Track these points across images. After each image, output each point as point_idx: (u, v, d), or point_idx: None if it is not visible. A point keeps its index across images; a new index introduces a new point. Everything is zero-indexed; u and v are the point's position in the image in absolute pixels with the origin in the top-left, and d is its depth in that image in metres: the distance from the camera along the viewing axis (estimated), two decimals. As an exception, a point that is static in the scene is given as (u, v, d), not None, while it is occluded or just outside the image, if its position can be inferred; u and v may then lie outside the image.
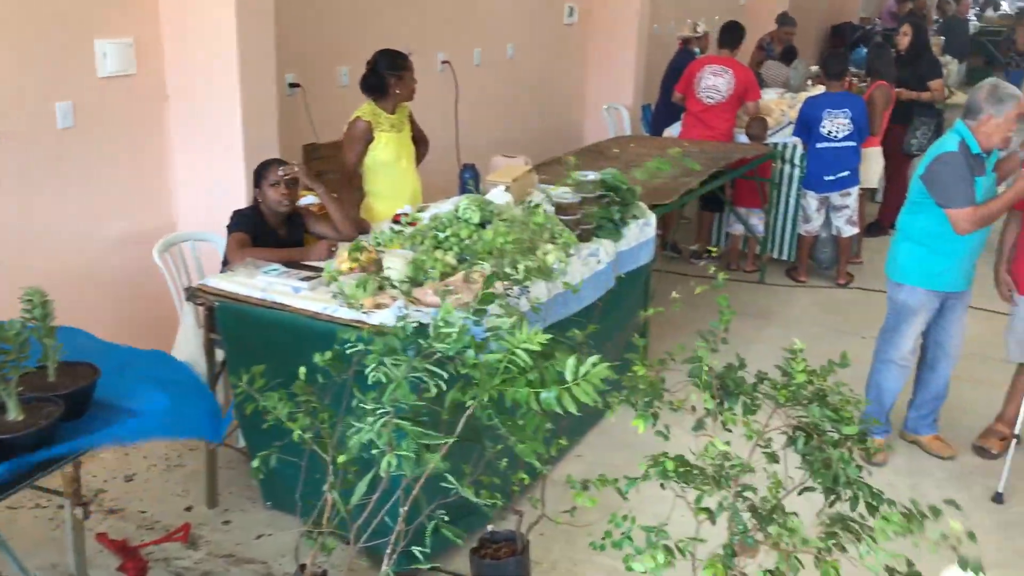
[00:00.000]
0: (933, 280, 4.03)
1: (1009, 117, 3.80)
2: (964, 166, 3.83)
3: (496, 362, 1.88)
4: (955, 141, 3.89)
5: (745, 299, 6.41)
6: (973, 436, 4.46)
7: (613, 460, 4.00)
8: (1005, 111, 3.78)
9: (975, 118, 3.85)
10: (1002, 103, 3.79)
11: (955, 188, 3.83)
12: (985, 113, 3.82)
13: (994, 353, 4.59)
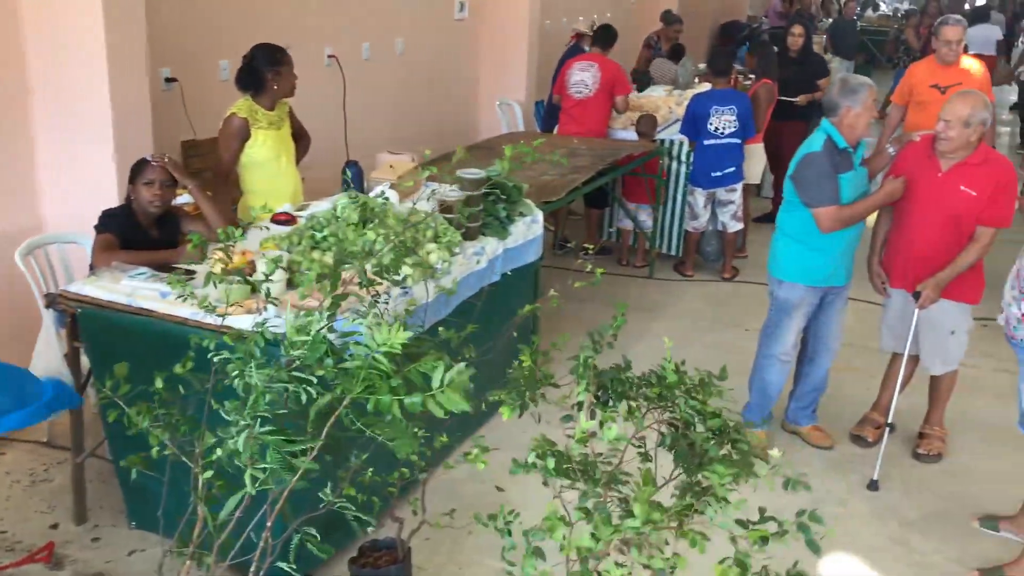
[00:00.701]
0: (812, 276, 4.13)
1: (867, 105, 3.94)
2: (828, 165, 3.94)
3: (356, 368, 1.82)
4: (820, 140, 4.00)
5: (635, 294, 6.49)
6: (851, 425, 4.59)
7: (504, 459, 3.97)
8: (861, 100, 3.93)
9: (836, 114, 3.98)
10: (856, 93, 3.93)
11: (818, 187, 3.94)
12: (843, 107, 3.95)
13: (871, 343, 4.74)
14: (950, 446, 4.46)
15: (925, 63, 6.26)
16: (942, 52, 5.99)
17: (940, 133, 3.88)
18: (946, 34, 5.96)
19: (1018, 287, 3.38)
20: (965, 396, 4.78)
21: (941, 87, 5.82)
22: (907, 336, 4.18)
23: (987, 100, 3.93)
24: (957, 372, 4.34)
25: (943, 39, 5.98)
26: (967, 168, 3.92)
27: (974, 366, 5.25)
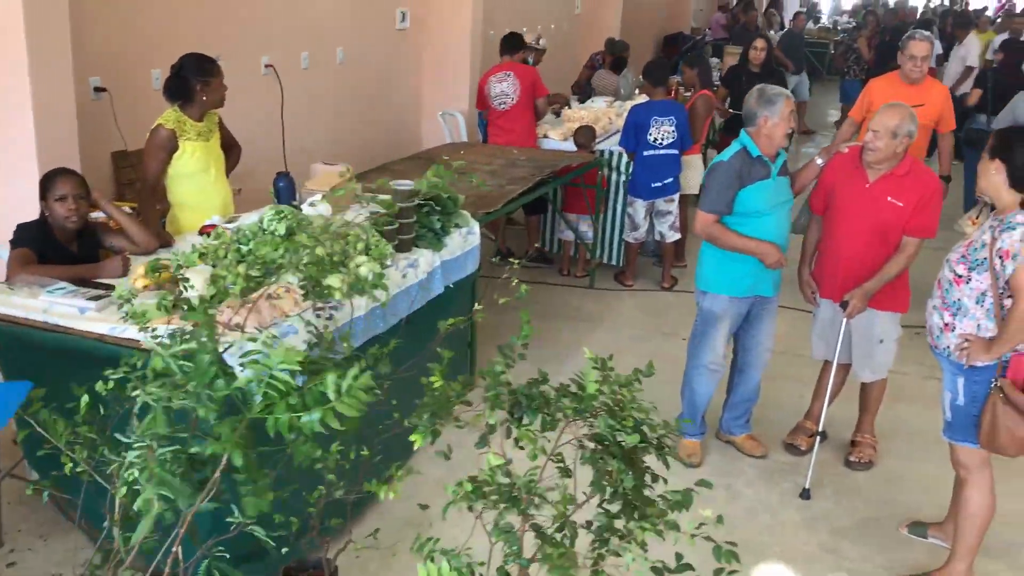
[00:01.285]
0: (736, 286, 4.16)
1: (784, 115, 4.00)
2: (732, 175, 4.01)
3: (252, 389, 1.77)
4: (734, 150, 4.09)
5: (575, 304, 6.50)
6: (785, 433, 4.64)
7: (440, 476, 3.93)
8: (779, 109, 3.99)
9: (754, 124, 4.05)
10: (773, 104, 4.00)
11: (711, 193, 4.06)
12: (761, 116, 4.02)
13: (804, 352, 4.79)
14: (881, 453, 4.53)
15: (887, 80, 5.86)
16: (907, 68, 5.61)
17: (868, 143, 3.94)
18: (912, 49, 5.56)
19: (939, 296, 3.43)
20: (896, 403, 4.86)
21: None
22: (836, 344, 4.23)
23: (914, 113, 3.99)
24: (886, 380, 4.40)
25: (909, 54, 5.59)
26: (894, 179, 3.99)
27: (904, 373, 5.34)
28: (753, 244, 4.04)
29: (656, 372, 2.28)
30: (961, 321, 3.34)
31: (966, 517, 3.49)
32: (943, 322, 3.40)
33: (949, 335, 3.38)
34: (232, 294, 3.18)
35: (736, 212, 4.05)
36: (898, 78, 5.71)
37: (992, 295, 3.25)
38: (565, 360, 5.25)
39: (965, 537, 3.50)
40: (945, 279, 3.41)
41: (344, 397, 1.73)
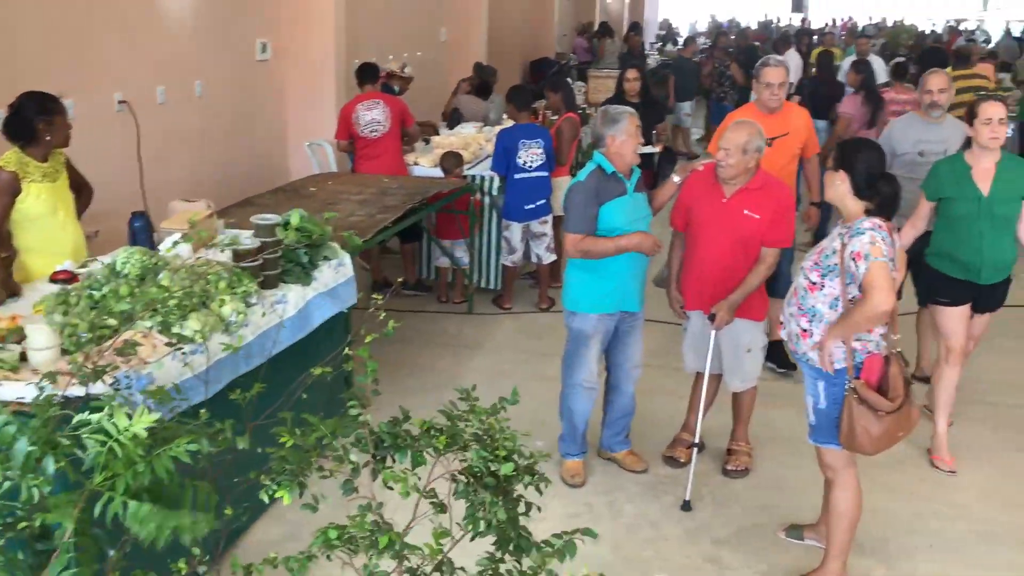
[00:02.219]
0: (601, 304, 4.22)
1: (630, 132, 4.12)
2: (589, 195, 4.11)
3: (93, 459, 1.64)
4: (589, 169, 4.19)
5: (454, 330, 6.46)
6: (663, 446, 4.70)
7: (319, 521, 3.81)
8: (623, 127, 4.11)
9: (603, 144, 4.16)
10: (617, 122, 4.13)
11: (573, 213, 4.14)
12: (607, 136, 4.13)
13: (678, 364, 4.86)
14: (756, 459, 4.64)
15: (744, 111, 5.55)
16: (764, 97, 5.28)
17: (721, 160, 4.08)
18: (768, 76, 5.25)
19: (796, 304, 3.55)
20: (768, 410, 4.99)
21: (767, 138, 4.96)
22: (706, 356, 4.33)
23: (761, 129, 4.14)
24: (756, 387, 4.52)
25: (764, 81, 5.26)
26: (749, 193, 4.12)
27: (775, 379, 5.51)
28: (624, 240, 4.11)
29: (539, 393, 2.27)
30: (817, 326, 3.45)
31: (836, 517, 3.61)
32: (800, 328, 3.51)
33: (807, 340, 3.49)
34: (84, 344, 3.02)
35: (598, 229, 4.12)
36: (755, 108, 5.40)
37: (843, 300, 3.38)
38: (444, 389, 5.19)
39: (837, 536, 3.62)
40: (800, 286, 3.53)
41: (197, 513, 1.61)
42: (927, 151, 5.26)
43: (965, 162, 4.48)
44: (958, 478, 4.56)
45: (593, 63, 16.56)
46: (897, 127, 5.54)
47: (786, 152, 5.29)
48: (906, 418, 3.40)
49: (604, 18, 20.76)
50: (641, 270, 4.29)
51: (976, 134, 4.41)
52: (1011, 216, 4.42)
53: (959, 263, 4.50)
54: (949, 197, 4.47)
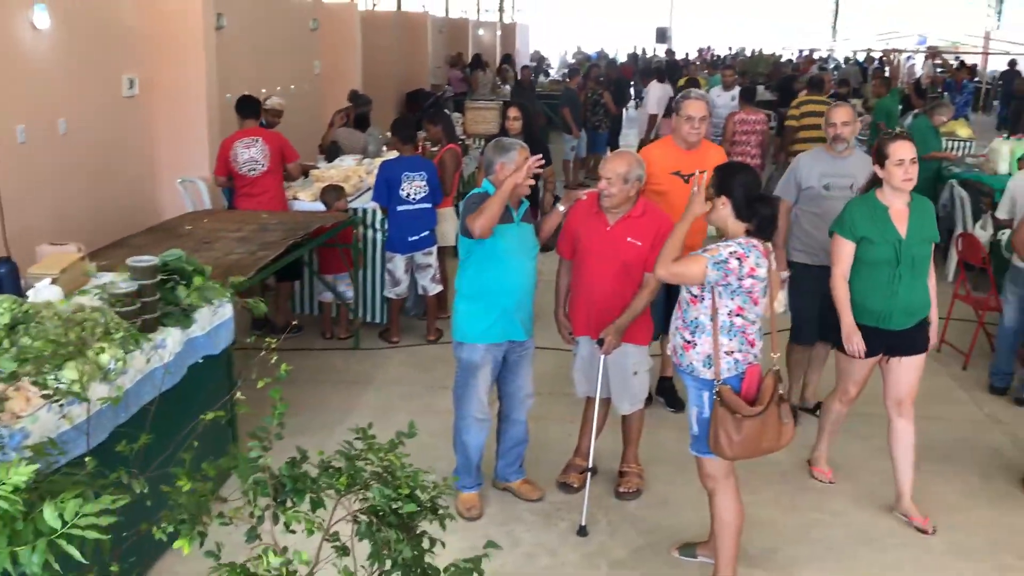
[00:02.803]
0: (489, 333, 4.24)
1: (518, 163, 4.13)
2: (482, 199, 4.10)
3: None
4: (483, 190, 4.21)
5: (341, 367, 6.36)
6: (557, 473, 4.74)
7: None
8: (514, 156, 4.16)
9: (492, 171, 4.21)
10: (508, 151, 4.19)
11: (470, 208, 4.10)
12: (497, 163, 4.18)
13: (567, 389, 4.92)
14: (648, 480, 4.73)
15: (660, 146, 5.38)
16: (684, 131, 5.07)
17: (604, 190, 4.18)
18: (689, 109, 5.05)
19: (680, 317, 3.69)
20: (656, 430, 5.11)
21: (684, 175, 5.00)
22: (596, 380, 4.40)
23: (641, 159, 4.28)
24: (644, 409, 4.62)
25: (686, 115, 5.06)
26: (631, 220, 4.24)
27: (660, 400, 5.65)
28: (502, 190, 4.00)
29: (432, 426, 2.26)
30: (700, 338, 3.60)
31: (722, 527, 3.74)
32: (684, 340, 3.66)
33: (691, 352, 3.63)
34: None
35: (482, 255, 4.15)
36: (672, 143, 5.22)
37: (723, 311, 3.55)
38: (335, 427, 5.12)
39: (724, 545, 3.75)
40: (683, 300, 3.68)
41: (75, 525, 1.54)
42: (833, 185, 5.10)
43: (880, 202, 4.26)
44: (836, 487, 4.76)
45: (468, 94, 16.75)
46: (803, 161, 5.29)
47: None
48: (774, 432, 3.55)
49: (477, 50, 21.02)
50: (529, 298, 4.33)
51: (888, 176, 4.19)
52: (925, 258, 4.28)
53: (868, 310, 4.28)
54: (867, 239, 4.22)
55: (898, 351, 4.35)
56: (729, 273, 3.48)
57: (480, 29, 23.63)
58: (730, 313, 3.55)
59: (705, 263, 3.49)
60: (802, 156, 5.37)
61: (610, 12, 38.02)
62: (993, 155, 9.16)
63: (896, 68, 19.24)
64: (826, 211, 4.92)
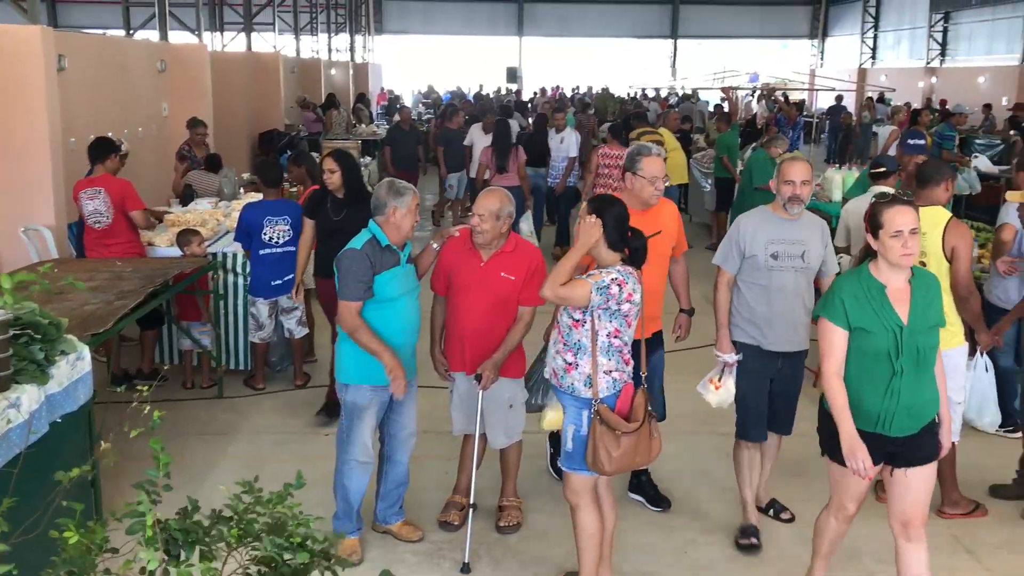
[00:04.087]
0: (377, 375, 4.20)
1: (411, 208, 4.19)
2: (363, 263, 4.10)
3: None
4: (363, 239, 4.19)
5: (205, 418, 6.14)
6: (437, 512, 4.72)
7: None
8: (407, 201, 4.18)
9: (383, 213, 4.19)
10: (402, 195, 4.19)
11: (348, 280, 4.11)
12: (390, 206, 4.17)
13: (445, 427, 4.91)
14: (527, 512, 4.78)
15: None
16: (646, 193, 4.39)
17: (476, 227, 4.23)
18: (651, 168, 4.39)
19: (562, 341, 3.80)
20: (533, 461, 5.17)
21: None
22: (475, 417, 4.43)
23: (510, 195, 4.37)
24: (521, 442, 4.68)
25: (647, 175, 4.37)
26: (504, 256, 4.32)
27: (536, 432, 5.69)
28: (387, 356, 4.10)
29: (306, 473, 2.23)
30: (581, 359, 3.75)
31: (584, 537, 3.89)
32: (566, 362, 3.79)
33: (573, 373, 3.77)
34: None
35: (371, 298, 4.13)
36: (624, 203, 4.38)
37: (602, 333, 3.70)
38: (203, 481, 4.93)
39: (586, 556, 3.90)
40: (565, 324, 3.81)
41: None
42: (782, 254, 4.28)
43: (876, 280, 3.49)
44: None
45: (322, 134, 16.61)
46: (745, 224, 4.42)
47: (660, 254, 4.47)
48: (646, 446, 3.77)
49: (330, 89, 20.90)
50: (414, 337, 4.34)
51: (884, 249, 3.42)
52: (932, 349, 3.51)
53: (863, 413, 3.49)
54: (862, 328, 3.45)
55: (902, 461, 3.57)
56: (611, 298, 3.65)
57: (332, 69, 23.51)
58: (608, 335, 3.72)
59: (590, 287, 3.64)
60: (744, 219, 4.50)
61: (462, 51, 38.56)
62: (827, 184, 9.80)
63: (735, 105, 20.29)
64: (774, 284, 4.30)
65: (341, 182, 5.72)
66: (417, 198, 4.26)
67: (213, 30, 19.08)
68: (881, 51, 33.06)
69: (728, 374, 4.49)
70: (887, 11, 32.54)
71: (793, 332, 4.39)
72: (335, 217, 5.67)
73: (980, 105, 22.31)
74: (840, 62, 35.10)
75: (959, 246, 4.55)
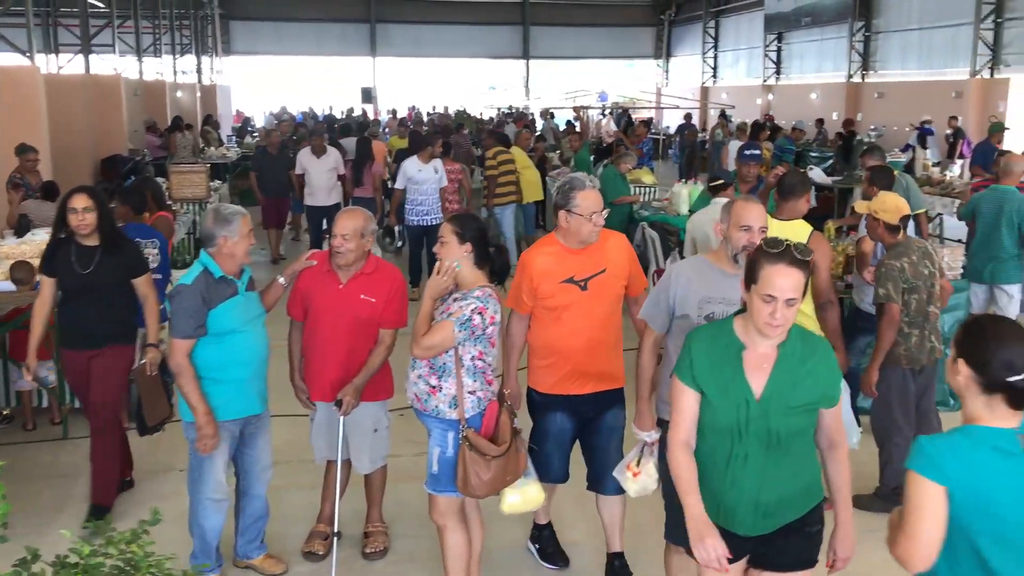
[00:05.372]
0: (226, 410, 4.06)
1: (243, 234, 4.03)
2: (196, 298, 3.93)
3: None
4: (195, 273, 4.01)
5: (49, 459, 5.80)
6: (301, 543, 4.60)
7: None
8: (236, 228, 4.02)
9: (213, 244, 4.04)
10: (230, 223, 4.02)
11: (179, 319, 3.94)
12: (220, 237, 4.02)
13: (308, 456, 4.79)
14: (394, 537, 4.73)
15: (544, 254, 3.95)
16: (585, 231, 3.82)
17: (338, 248, 4.14)
18: (587, 204, 3.80)
19: (426, 365, 3.80)
20: (397, 485, 5.11)
21: (580, 282, 3.89)
22: (337, 443, 4.35)
23: (369, 213, 4.34)
24: (386, 466, 4.63)
25: (584, 211, 3.79)
26: (363, 277, 4.25)
27: (401, 455, 5.65)
28: (202, 414, 3.91)
29: (162, 514, 2.15)
30: (446, 381, 3.76)
31: (452, 558, 3.90)
32: (430, 385, 3.79)
33: (438, 395, 3.78)
34: None
35: (211, 331, 3.99)
36: (558, 244, 3.95)
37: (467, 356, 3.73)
38: (50, 525, 4.65)
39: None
40: None
41: None
42: (718, 316, 3.44)
43: (736, 336, 2.87)
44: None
45: (167, 158, 16.04)
46: (680, 275, 3.65)
47: (606, 295, 3.94)
48: (513, 464, 3.79)
49: (176, 112, 20.22)
50: (263, 368, 4.22)
51: (751, 309, 2.80)
52: (796, 435, 2.85)
53: (705, 500, 2.86)
54: (706, 394, 2.87)
55: (766, 563, 3.00)
56: (475, 329, 3.68)
57: (179, 91, 22.76)
58: (473, 358, 3.75)
59: (452, 327, 3.66)
60: (679, 268, 3.75)
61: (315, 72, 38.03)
62: (674, 198, 10.21)
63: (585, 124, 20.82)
64: None
65: (96, 225, 4.68)
66: (248, 222, 4.11)
67: (48, 51, 18.15)
68: (721, 70, 34.63)
69: (649, 456, 3.82)
70: (725, 32, 34.13)
71: None
72: (83, 271, 4.69)
73: (813, 120, 23.72)
74: (684, 81, 36.56)
75: (819, 258, 4.54)
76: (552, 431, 4.09)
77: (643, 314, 3.79)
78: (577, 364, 3.98)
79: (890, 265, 4.90)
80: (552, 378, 4.03)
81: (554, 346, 3.98)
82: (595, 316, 3.93)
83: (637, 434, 3.88)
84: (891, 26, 24.21)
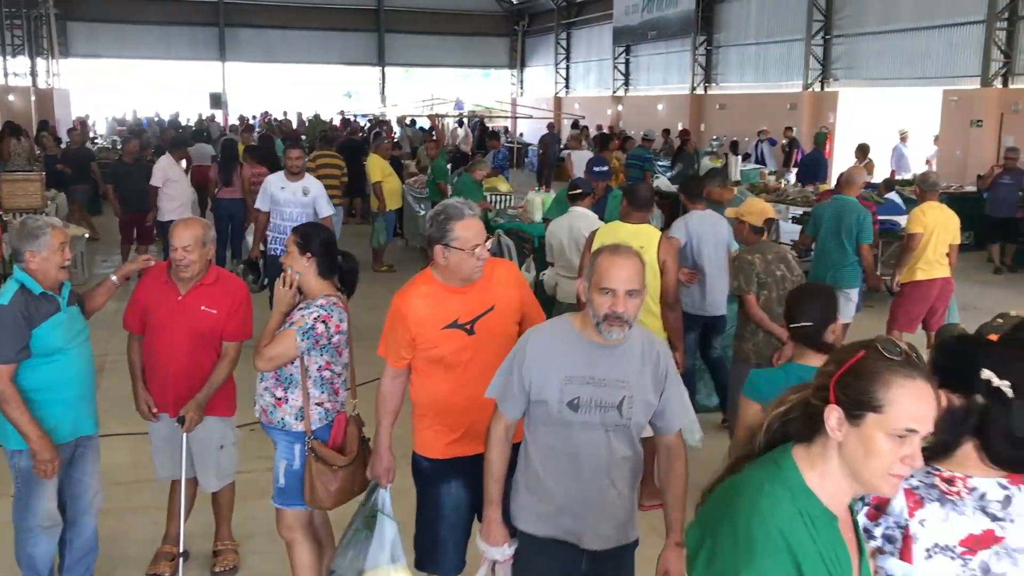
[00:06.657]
0: (54, 434, 3.77)
1: (53, 248, 3.73)
2: (15, 319, 3.64)
3: None
4: (11, 292, 3.71)
5: None
6: (146, 566, 4.42)
7: None
8: (46, 242, 3.72)
9: (22, 259, 3.75)
10: (38, 238, 3.72)
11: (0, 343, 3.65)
12: (26, 252, 3.73)
13: (150, 475, 4.62)
14: (244, 555, 4.61)
15: (414, 293, 3.35)
16: (467, 268, 3.25)
17: (181, 260, 3.99)
18: (467, 235, 3.22)
19: (273, 377, 3.74)
20: (246, 502, 4.98)
21: (466, 325, 3.32)
22: (181, 460, 4.21)
23: (207, 221, 4.23)
24: (234, 483, 4.51)
25: (465, 245, 3.22)
26: (204, 288, 4.12)
27: (250, 471, 5.52)
28: (36, 439, 3.64)
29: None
30: (292, 393, 3.72)
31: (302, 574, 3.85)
32: (275, 398, 3.74)
33: (284, 407, 3.74)
34: None
35: (35, 353, 3.72)
36: (434, 280, 3.37)
37: (313, 367, 3.69)
38: None
39: None
40: None
41: None
42: (584, 403, 2.83)
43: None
44: None
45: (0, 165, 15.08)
46: (535, 347, 2.90)
47: (497, 337, 3.32)
48: (362, 476, 3.77)
49: (8, 117, 19.06)
50: (89, 387, 4.00)
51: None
52: None
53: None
54: None
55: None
56: (319, 338, 3.64)
57: (11, 95, 21.47)
58: (320, 368, 3.72)
59: (294, 336, 3.61)
60: (536, 335, 2.96)
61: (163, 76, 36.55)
62: (529, 206, 10.40)
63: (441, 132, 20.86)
64: (569, 446, 2.87)
65: None
66: (61, 234, 3.80)
67: None
68: (573, 81, 35.36)
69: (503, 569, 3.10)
70: (576, 44, 34.88)
71: (606, 522, 2.94)
72: None
73: (661, 130, 24.58)
74: (538, 91, 37.14)
75: (668, 260, 5.09)
76: (446, 506, 3.40)
77: (491, 392, 3.00)
78: (474, 422, 3.25)
79: (743, 259, 5.36)
80: (443, 441, 3.38)
81: (443, 403, 3.34)
82: (488, 363, 3.12)
83: (484, 551, 3.08)
84: (731, 41, 25.31)
